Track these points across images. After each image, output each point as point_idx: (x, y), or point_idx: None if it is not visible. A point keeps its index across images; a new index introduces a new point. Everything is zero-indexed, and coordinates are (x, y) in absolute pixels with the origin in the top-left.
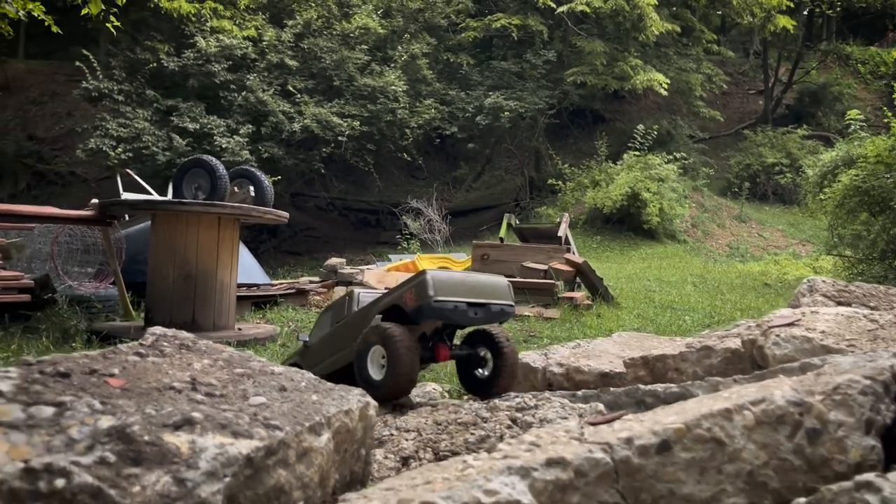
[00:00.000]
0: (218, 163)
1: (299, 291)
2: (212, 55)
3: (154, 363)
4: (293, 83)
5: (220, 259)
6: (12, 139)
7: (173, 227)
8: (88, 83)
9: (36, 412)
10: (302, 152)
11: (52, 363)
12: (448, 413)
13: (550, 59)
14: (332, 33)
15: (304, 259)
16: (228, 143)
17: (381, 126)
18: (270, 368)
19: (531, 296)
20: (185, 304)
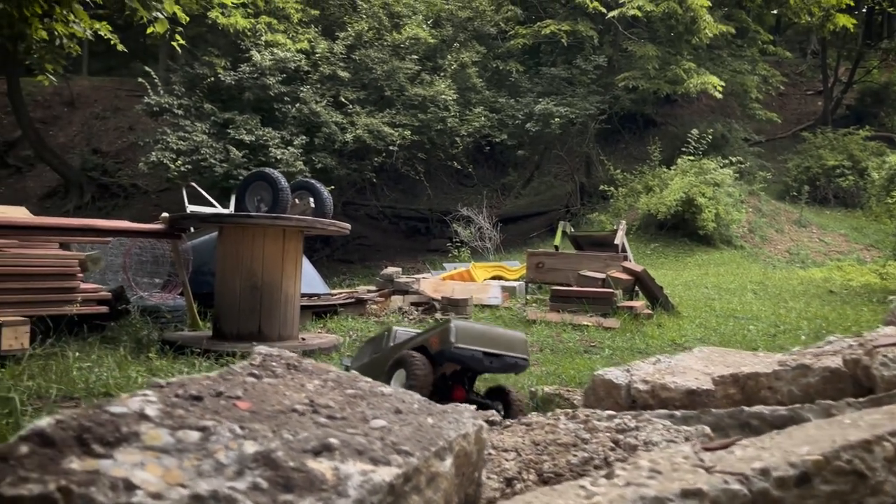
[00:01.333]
0: (280, 176)
1: (358, 301)
2: (266, 68)
3: (270, 384)
4: (345, 94)
5: (285, 270)
6: (78, 153)
7: (240, 240)
8: (150, 98)
9: (183, 436)
10: (354, 162)
11: (180, 385)
12: (545, 433)
13: (601, 64)
14: (382, 44)
15: (356, 267)
16: (283, 155)
17: (432, 135)
18: (380, 389)
19: (589, 305)
20: (252, 315)
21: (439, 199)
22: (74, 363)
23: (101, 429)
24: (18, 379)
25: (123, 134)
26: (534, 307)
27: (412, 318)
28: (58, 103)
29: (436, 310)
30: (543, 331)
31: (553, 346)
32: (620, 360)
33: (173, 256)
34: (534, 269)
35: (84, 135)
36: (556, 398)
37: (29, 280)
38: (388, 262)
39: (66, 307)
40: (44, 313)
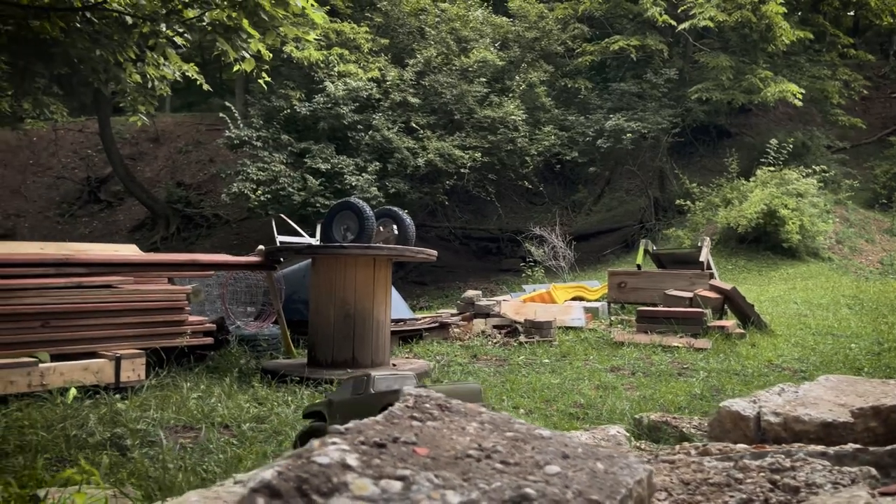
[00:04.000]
0: (365, 205)
1: (442, 325)
2: (340, 98)
3: (435, 427)
4: (416, 120)
5: (376, 298)
6: (163, 186)
7: (333, 269)
8: (231, 132)
9: (386, 486)
10: (426, 185)
11: (357, 431)
12: (692, 472)
13: (672, 77)
14: (451, 69)
15: (429, 289)
16: (358, 181)
17: (502, 155)
18: (538, 432)
19: (678, 325)
20: (346, 343)
21: (510, 218)
22: (189, 394)
23: (315, 479)
24: (143, 409)
25: (205, 166)
26: (619, 328)
27: (496, 340)
28: (144, 140)
29: (518, 332)
30: (633, 353)
31: (645, 370)
32: (717, 383)
33: (268, 286)
34: (616, 289)
35: (168, 169)
36: (663, 426)
37: (143, 314)
38: (461, 284)
39: (177, 339)
40: (157, 345)
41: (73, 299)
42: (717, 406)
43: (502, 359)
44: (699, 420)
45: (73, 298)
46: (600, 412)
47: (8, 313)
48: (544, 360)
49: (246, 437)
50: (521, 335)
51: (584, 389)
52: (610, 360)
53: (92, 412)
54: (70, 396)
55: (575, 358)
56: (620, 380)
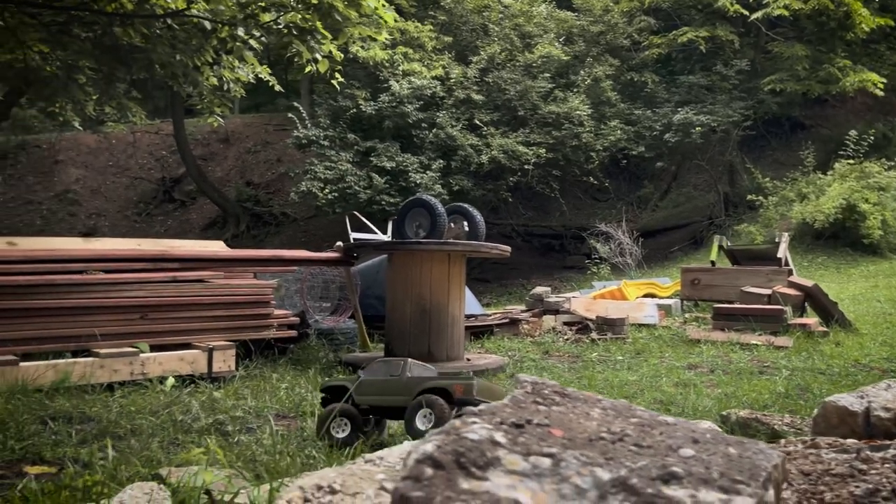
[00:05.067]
0: (437, 202)
1: (512, 321)
2: (404, 97)
3: (560, 412)
4: (479, 117)
5: (451, 293)
6: (233, 186)
7: (409, 265)
8: (299, 132)
9: (536, 462)
10: (489, 182)
11: (491, 413)
12: (811, 463)
13: (743, 68)
14: (514, 65)
15: (492, 286)
16: (422, 179)
17: (566, 151)
18: (662, 418)
19: (756, 323)
20: (422, 337)
21: (573, 215)
22: (278, 384)
23: (470, 454)
24: (237, 398)
25: (273, 166)
26: (694, 326)
27: (566, 337)
28: (214, 141)
29: (590, 329)
30: (710, 351)
31: (724, 367)
32: (802, 381)
33: (345, 282)
34: (689, 286)
35: (238, 168)
36: (752, 423)
37: (233, 308)
38: (523, 281)
39: (264, 332)
40: (246, 338)
41: (169, 293)
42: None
43: (575, 355)
44: (790, 418)
45: (168, 292)
46: (683, 409)
47: (111, 306)
48: (618, 357)
49: None
50: (592, 332)
51: (664, 386)
52: (687, 357)
53: (193, 399)
54: (168, 385)
55: (650, 355)
56: (699, 377)
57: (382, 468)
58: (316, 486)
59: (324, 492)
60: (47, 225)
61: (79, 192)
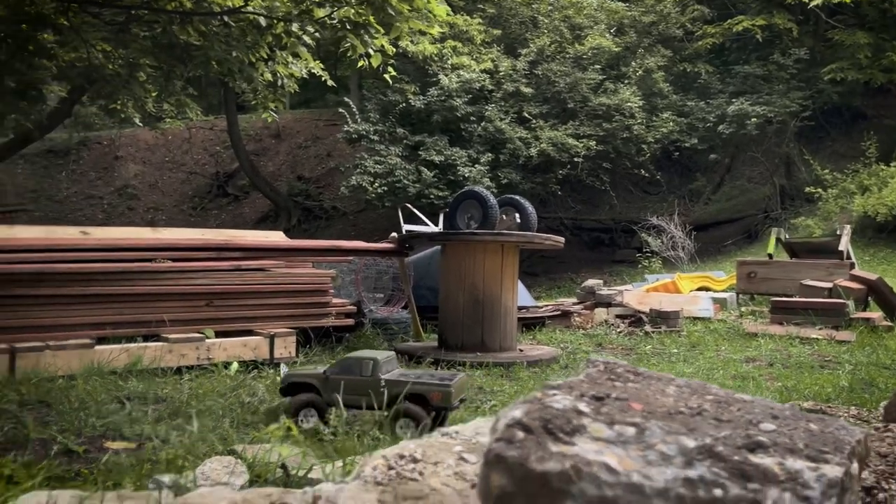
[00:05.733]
0: (488, 194)
1: (564, 313)
2: (453, 91)
3: (636, 388)
4: (528, 109)
5: (504, 284)
6: (285, 180)
7: (462, 256)
8: (349, 126)
9: (620, 430)
10: (538, 175)
11: (569, 387)
12: (887, 445)
13: (801, 57)
14: (564, 57)
15: (541, 280)
16: (470, 173)
17: (617, 144)
18: (738, 396)
19: (817, 316)
20: (475, 327)
21: (623, 208)
22: None
23: (557, 420)
24: None
25: (323, 161)
26: (750, 319)
27: (619, 330)
28: (266, 136)
29: (643, 322)
30: (768, 344)
31: (783, 361)
32: (866, 376)
33: (399, 273)
34: (745, 279)
35: (289, 163)
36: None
37: (293, 296)
38: (572, 275)
39: (323, 320)
40: (305, 325)
41: (233, 281)
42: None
43: (628, 348)
44: (857, 410)
45: (232, 280)
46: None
47: (178, 293)
48: (673, 350)
49: None
50: (646, 325)
51: (721, 379)
52: (744, 350)
53: (259, 382)
54: (233, 369)
55: (706, 348)
56: (758, 370)
57: (458, 441)
58: (398, 455)
59: (406, 460)
60: (108, 219)
61: (137, 187)
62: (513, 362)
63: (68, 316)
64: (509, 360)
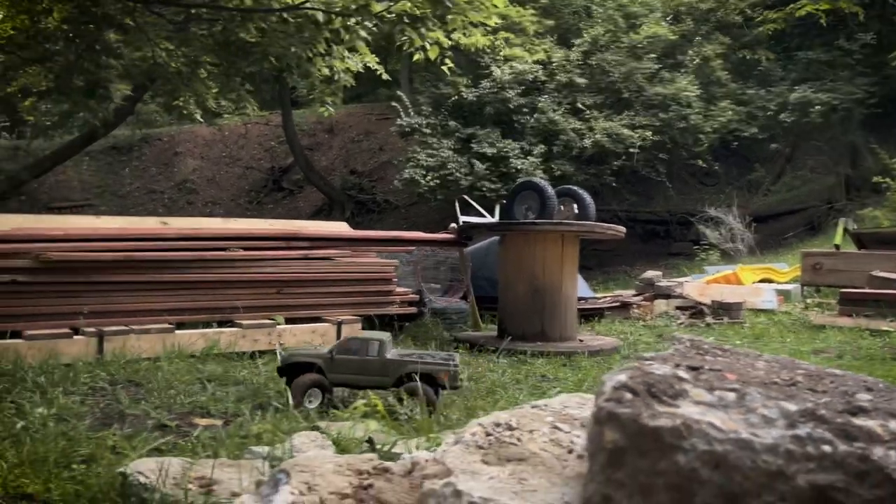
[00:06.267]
0: (547, 184)
1: (623, 305)
2: (506, 82)
3: (726, 362)
4: (582, 100)
5: (564, 274)
6: (338, 174)
7: (522, 246)
8: (402, 120)
9: (721, 395)
10: (592, 167)
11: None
12: None
13: (868, 42)
14: (619, 46)
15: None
16: (523, 164)
17: (674, 134)
18: (828, 370)
19: (888, 308)
20: (535, 317)
21: (679, 200)
22: None
23: (660, 385)
24: None
25: (375, 154)
26: (816, 311)
27: (680, 321)
28: (320, 131)
29: (705, 314)
30: (836, 336)
31: (853, 353)
32: None
33: (459, 263)
34: (810, 271)
35: (342, 158)
36: None
37: (358, 284)
38: (626, 268)
39: (387, 308)
40: (370, 313)
41: (301, 269)
42: None
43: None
44: None
45: (300, 269)
46: None
47: (251, 280)
48: (736, 342)
49: (466, 392)
50: (707, 316)
51: None
52: (811, 342)
53: None
54: None
55: (770, 340)
56: (827, 362)
57: (548, 412)
58: (494, 423)
59: (502, 428)
60: (169, 213)
61: (196, 182)
62: (574, 352)
63: (150, 302)
64: (570, 350)
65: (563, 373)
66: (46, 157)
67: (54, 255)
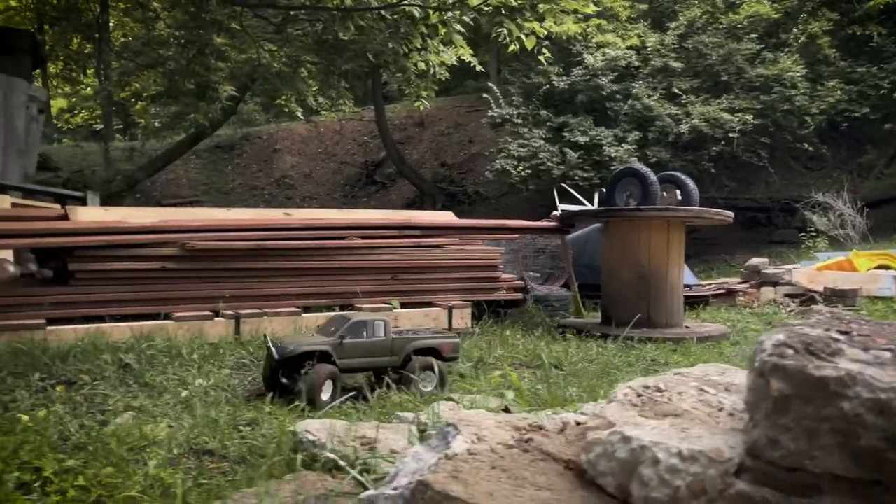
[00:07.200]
0: (649, 171)
1: (728, 292)
2: (598, 69)
3: (871, 329)
4: (678, 85)
5: (670, 260)
6: (429, 167)
7: (626, 232)
8: (493, 111)
9: (877, 354)
10: (689, 153)
11: (810, 325)
12: None
13: None
14: (717, 28)
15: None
16: (616, 152)
17: (777, 117)
18: None
19: None
20: (640, 303)
21: (781, 185)
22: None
23: (817, 344)
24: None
25: (465, 147)
26: None
27: (789, 309)
28: (410, 125)
29: (815, 301)
30: None
31: None
32: None
33: (561, 251)
34: None
35: (433, 150)
36: None
37: (466, 271)
38: (726, 257)
39: (495, 294)
40: (478, 299)
41: (414, 256)
42: None
43: None
44: None
45: (413, 256)
46: None
47: (368, 267)
48: None
49: (580, 373)
50: (818, 304)
51: None
52: None
53: None
54: None
55: None
56: None
57: (691, 378)
58: (642, 386)
59: (651, 390)
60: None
61: (294, 178)
62: (682, 338)
63: (279, 287)
64: (678, 336)
65: (673, 357)
66: (159, 156)
67: (197, 245)
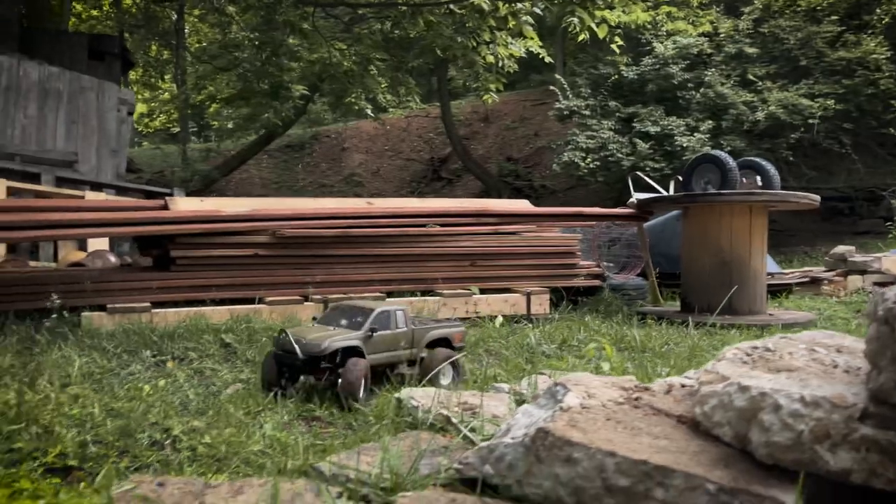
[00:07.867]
0: (727, 157)
1: (813, 280)
2: (669, 58)
3: None
4: (753, 71)
5: (753, 246)
6: (494, 162)
7: (707, 218)
8: (561, 103)
9: None
10: (766, 141)
11: None
12: None
13: None
14: (794, 11)
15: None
16: (689, 142)
17: (860, 101)
18: None
19: None
20: (721, 290)
21: (865, 173)
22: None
23: None
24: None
25: (530, 140)
26: None
27: None
28: (475, 120)
29: None
30: None
31: None
32: None
33: (638, 238)
34: None
35: (498, 145)
36: None
37: (544, 257)
38: (805, 248)
39: (572, 280)
40: (556, 285)
41: (491, 243)
42: None
43: None
44: None
45: (491, 242)
46: None
47: (448, 254)
48: None
49: (667, 354)
50: None
51: None
52: None
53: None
54: (498, 322)
55: None
56: None
57: (799, 341)
58: (751, 346)
59: (760, 350)
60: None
61: (362, 175)
62: (767, 325)
63: (364, 273)
64: (762, 323)
65: None
66: (233, 156)
67: (287, 232)
